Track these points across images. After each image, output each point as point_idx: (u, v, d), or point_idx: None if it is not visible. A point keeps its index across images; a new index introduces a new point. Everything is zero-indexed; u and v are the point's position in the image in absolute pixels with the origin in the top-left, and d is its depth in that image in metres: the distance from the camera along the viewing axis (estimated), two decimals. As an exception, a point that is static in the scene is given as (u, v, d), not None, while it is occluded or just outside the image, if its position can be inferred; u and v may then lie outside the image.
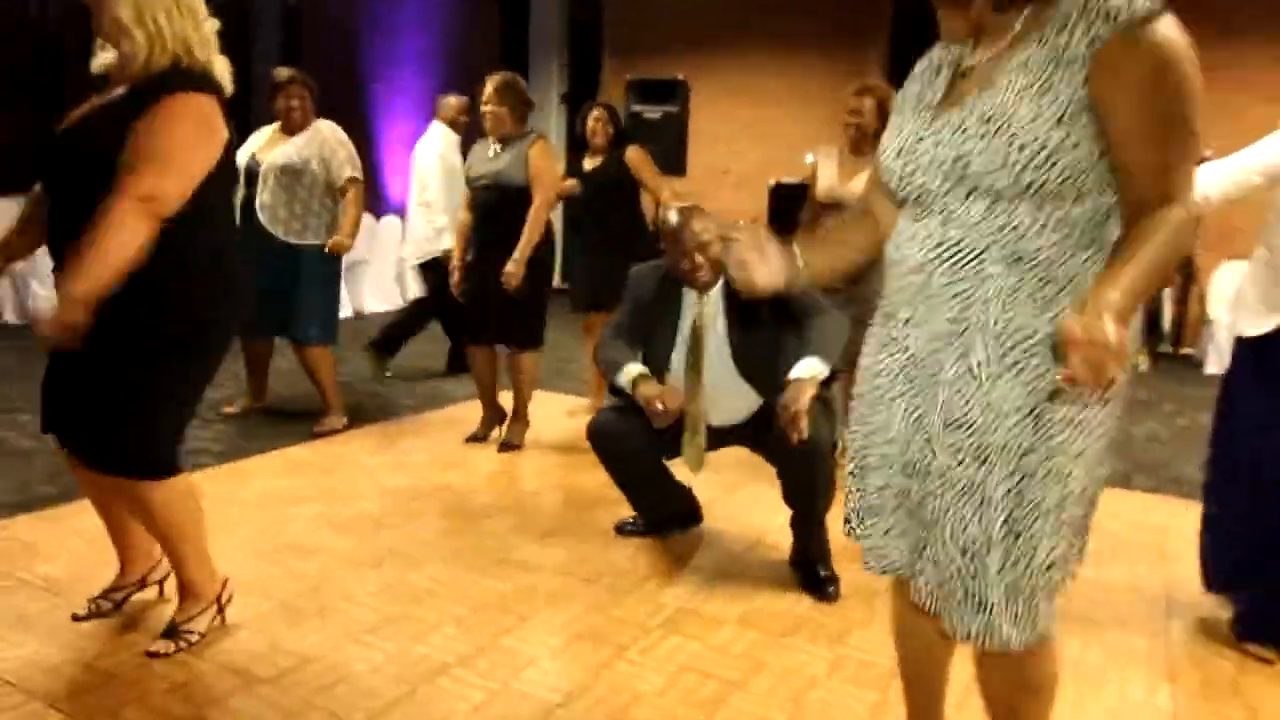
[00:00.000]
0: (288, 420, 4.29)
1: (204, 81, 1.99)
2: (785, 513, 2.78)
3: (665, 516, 3.02)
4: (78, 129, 1.97)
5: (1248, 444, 2.30)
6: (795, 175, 7.26)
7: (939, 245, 1.31)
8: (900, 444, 1.39)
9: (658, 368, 2.72)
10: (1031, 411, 1.25)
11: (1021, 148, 1.20)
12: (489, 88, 3.76)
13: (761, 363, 2.65)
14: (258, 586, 2.51)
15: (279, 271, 3.91)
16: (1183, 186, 1.20)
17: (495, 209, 3.74)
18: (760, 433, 2.68)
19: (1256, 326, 2.29)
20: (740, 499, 3.41)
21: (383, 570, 2.67)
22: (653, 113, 7.60)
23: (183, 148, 1.93)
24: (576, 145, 4.40)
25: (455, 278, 3.94)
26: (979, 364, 1.27)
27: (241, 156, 3.76)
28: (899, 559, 1.44)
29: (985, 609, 1.29)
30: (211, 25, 2.05)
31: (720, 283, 2.70)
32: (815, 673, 2.19)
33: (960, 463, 1.29)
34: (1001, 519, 1.27)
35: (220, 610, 2.28)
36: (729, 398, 2.72)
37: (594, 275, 4.33)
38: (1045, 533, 1.27)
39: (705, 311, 2.70)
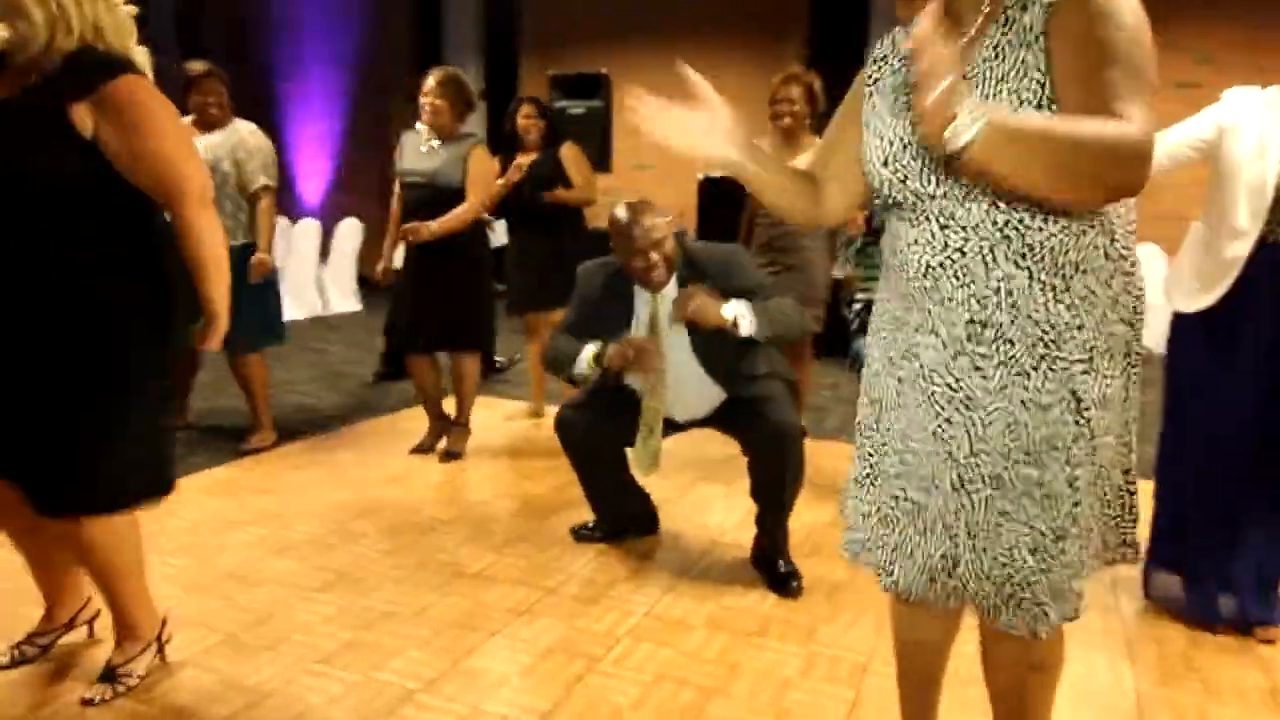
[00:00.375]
0: (212, 438, 4.07)
1: (132, 65, 1.84)
2: (741, 511, 2.77)
3: (624, 520, 2.97)
4: None
5: (1200, 424, 2.36)
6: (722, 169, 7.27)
7: (944, 250, 1.28)
8: (920, 456, 1.35)
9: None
10: (1070, 399, 1.25)
11: None
12: (432, 80, 3.62)
13: (724, 355, 2.62)
14: (200, 620, 2.36)
15: None
16: (1135, 116, 1.10)
17: (427, 209, 3.60)
18: (730, 419, 2.66)
19: (1195, 303, 2.35)
20: (694, 499, 3.38)
21: (333, 595, 2.54)
22: (576, 108, 7.50)
23: (178, 130, 1.87)
24: (502, 144, 4.29)
25: (381, 269, 3.84)
26: (1010, 362, 1.26)
27: None
28: (906, 580, 1.39)
29: (1059, 596, 1.29)
30: (128, 11, 1.89)
31: (673, 279, 2.65)
32: (789, 673, 2.17)
33: (1010, 465, 1.27)
34: (1067, 508, 1.27)
35: (160, 649, 2.13)
36: (694, 394, 2.68)
37: (530, 275, 4.24)
38: (1095, 514, 1.31)
39: (660, 309, 2.65)
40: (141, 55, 1.91)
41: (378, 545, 2.91)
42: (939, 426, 1.32)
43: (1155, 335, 2.40)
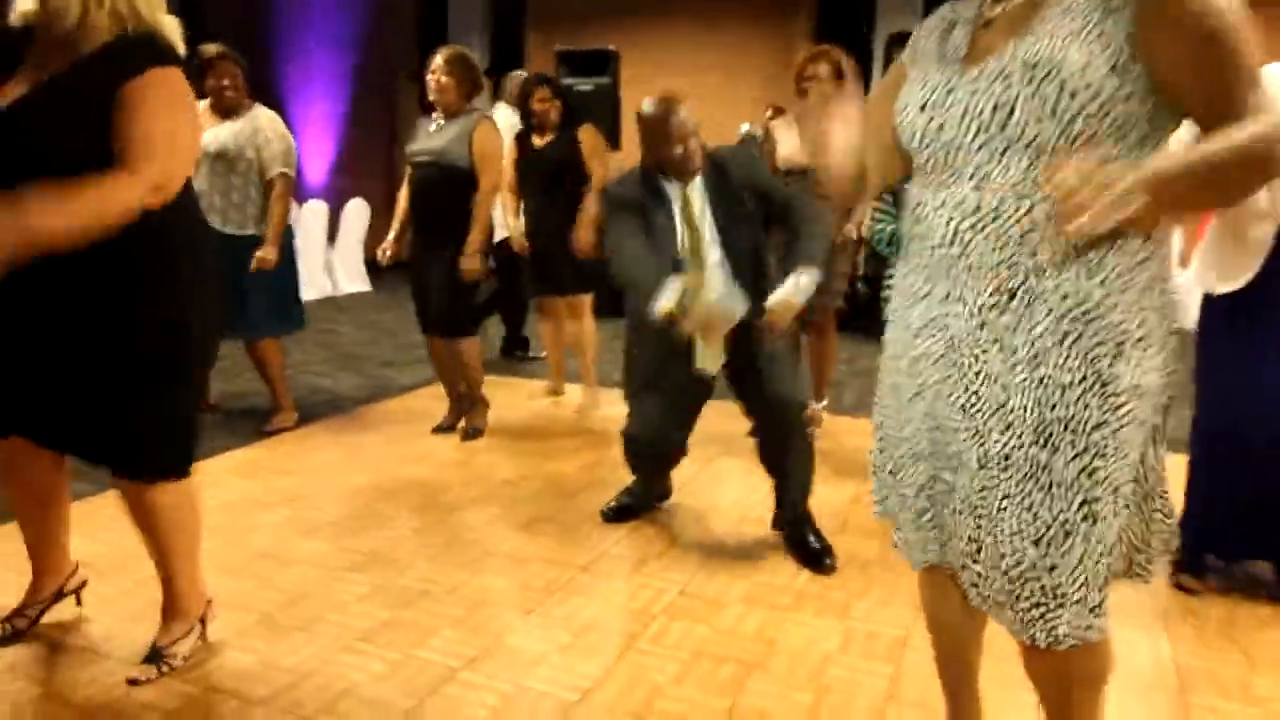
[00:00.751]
0: (233, 420, 4.07)
1: (170, 54, 1.81)
2: (766, 486, 2.76)
3: (652, 495, 3.03)
4: (20, 117, 1.75)
5: (1232, 404, 2.35)
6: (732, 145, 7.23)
7: (975, 212, 1.22)
8: (947, 432, 1.30)
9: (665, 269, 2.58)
10: (1095, 382, 1.18)
11: (1073, 94, 1.13)
12: (438, 58, 3.58)
13: (746, 255, 2.62)
14: (236, 601, 2.36)
15: (219, 263, 3.69)
16: (1252, 105, 1.11)
17: (434, 188, 3.56)
18: (739, 368, 2.66)
19: (1224, 285, 2.33)
20: (718, 475, 3.38)
21: (365, 574, 2.54)
22: (584, 85, 7.42)
23: (182, 130, 1.83)
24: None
25: (382, 250, 3.78)
26: (1034, 335, 1.20)
27: None
28: (932, 554, 1.39)
29: (1063, 603, 1.22)
30: None
31: (700, 174, 2.63)
32: (828, 649, 2.18)
33: (1021, 444, 1.21)
34: (1078, 502, 1.19)
35: (203, 630, 2.13)
36: (720, 299, 2.59)
37: (546, 257, 4.21)
38: (1118, 512, 1.22)
39: (693, 199, 2.63)
40: (171, 24, 1.88)
41: (406, 524, 2.91)
42: (967, 400, 1.27)
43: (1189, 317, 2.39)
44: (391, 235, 3.81)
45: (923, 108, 1.27)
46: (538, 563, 2.64)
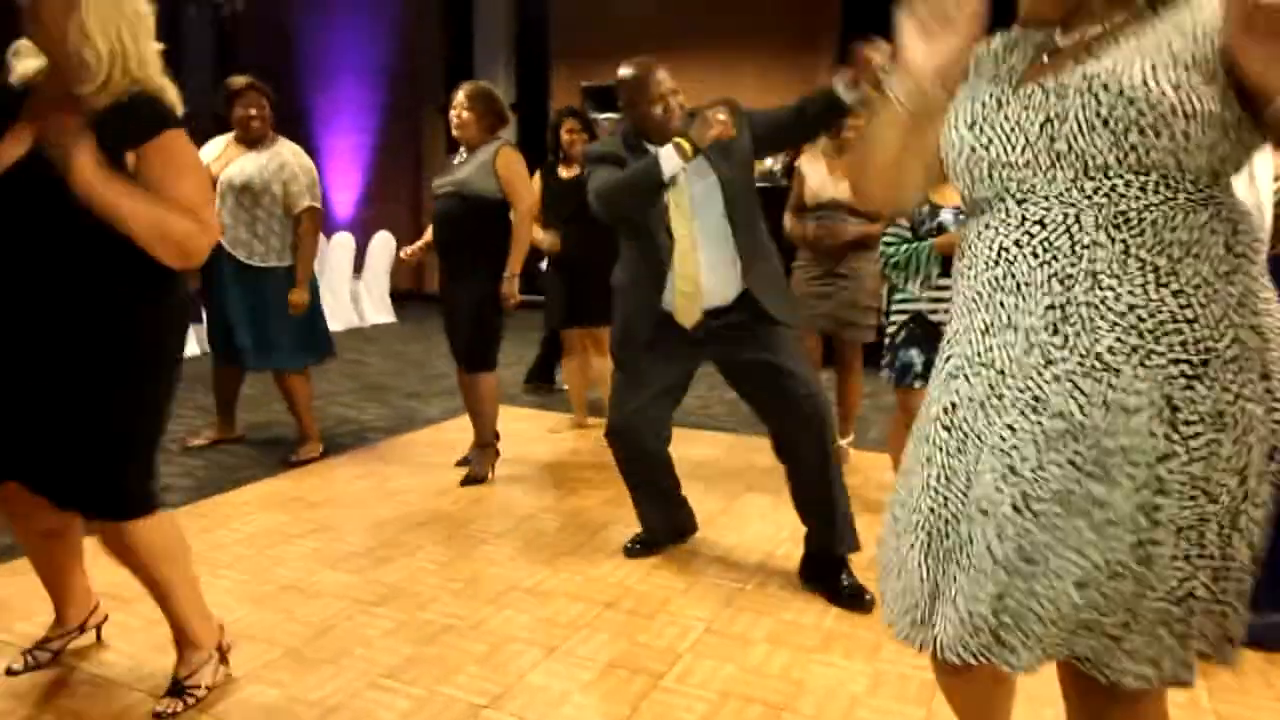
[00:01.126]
0: (257, 450, 4.10)
1: (175, 116, 1.88)
2: (791, 522, 2.74)
3: (669, 529, 2.99)
4: (40, 170, 1.77)
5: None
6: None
7: (1020, 225, 1.13)
8: (992, 482, 1.15)
9: (650, 229, 2.60)
10: (1165, 407, 1.06)
11: (1131, 101, 1.05)
12: (460, 94, 3.62)
13: (742, 229, 2.59)
14: (260, 633, 2.36)
15: (244, 296, 3.74)
16: None
17: (457, 219, 3.57)
18: (745, 375, 2.65)
19: None
20: (743, 511, 3.36)
21: (390, 608, 2.54)
22: (610, 119, 7.53)
23: (202, 180, 1.92)
24: (541, 154, 4.29)
25: (411, 251, 3.85)
26: (1095, 351, 1.08)
27: None
28: (947, 636, 1.19)
29: (1121, 657, 1.12)
30: (156, 47, 1.92)
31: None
32: (856, 690, 2.14)
33: (1077, 479, 1.08)
34: (1132, 543, 1.07)
35: (223, 658, 2.14)
36: (719, 260, 2.61)
37: (571, 289, 4.24)
38: (1180, 560, 1.08)
39: (683, 171, 2.55)
40: (172, 88, 1.92)
41: (431, 558, 2.91)
42: (1000, 435, 1.14)
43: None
44: (419, 243, 3.87)
45: (971, 124, 1.20)
46: (561, 598, 2.62)
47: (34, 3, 1.77)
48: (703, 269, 2.61)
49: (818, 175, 3.69)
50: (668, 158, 2.46)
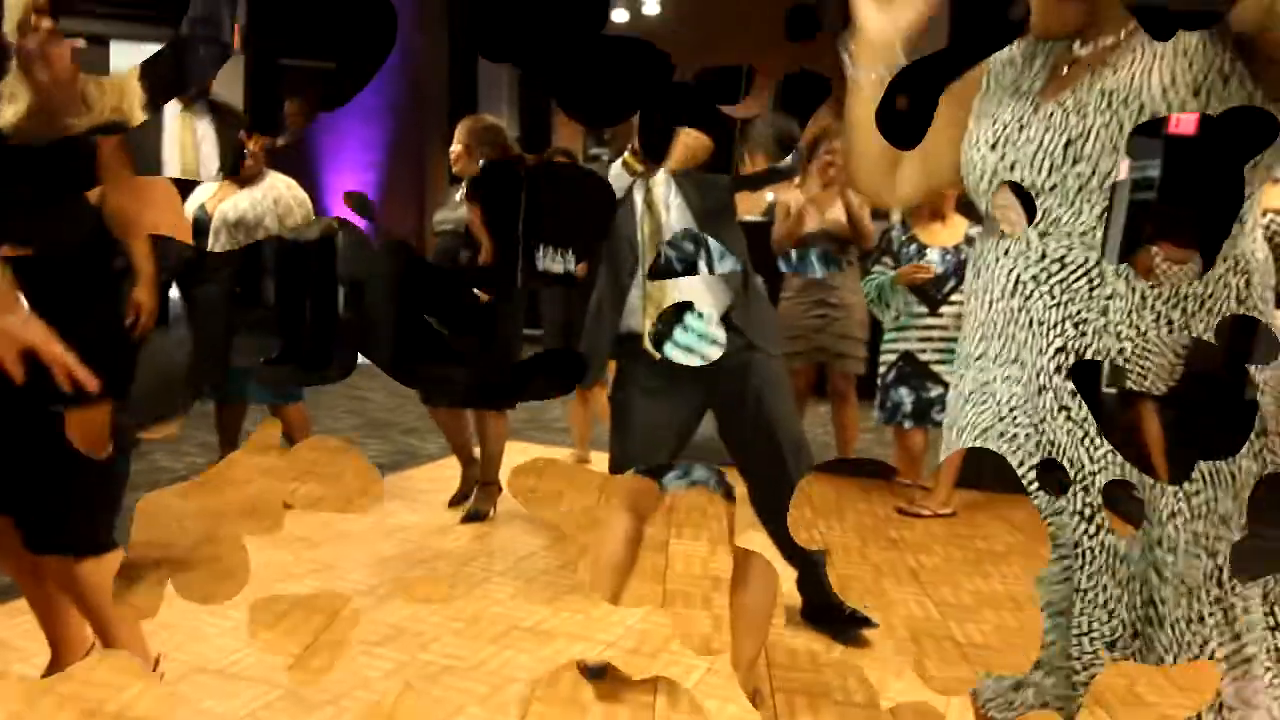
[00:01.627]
0: (260, 488, 4.10)
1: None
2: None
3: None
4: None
5: None
6: (754, 213, 7.31)
7: (1040, 261, 1.12)
8: None
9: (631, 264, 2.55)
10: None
11: (1154, 115, 1.03)
12: (459, 128, 3.68)
13: (720, 216, 2.53)
14: (260, 674, 2.35)
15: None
16: None
17: (456, 257, 3.61)
18: (724, 405, 2.59)
19: None
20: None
21: (390, 649, 2.53)
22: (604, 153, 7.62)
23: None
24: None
25: None
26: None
27: (190, 206, 3.61)
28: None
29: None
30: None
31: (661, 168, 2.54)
32: (861, 731, 2.13)
33: (1089, 531, 1.11)
34: (1140, 600, 1.09)
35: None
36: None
37: (572, 323, 4.25)
38: (1196, 618, 1.08)
39: (655, 184, 2.51)
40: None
41: (432, 598, 2.90)
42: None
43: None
44: None
45: (994, 145, 1.17)
46: (563, 638, 2.61)
47: None
48: (679, 288, 2.55)
49: (798, 206, 3.72)
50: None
